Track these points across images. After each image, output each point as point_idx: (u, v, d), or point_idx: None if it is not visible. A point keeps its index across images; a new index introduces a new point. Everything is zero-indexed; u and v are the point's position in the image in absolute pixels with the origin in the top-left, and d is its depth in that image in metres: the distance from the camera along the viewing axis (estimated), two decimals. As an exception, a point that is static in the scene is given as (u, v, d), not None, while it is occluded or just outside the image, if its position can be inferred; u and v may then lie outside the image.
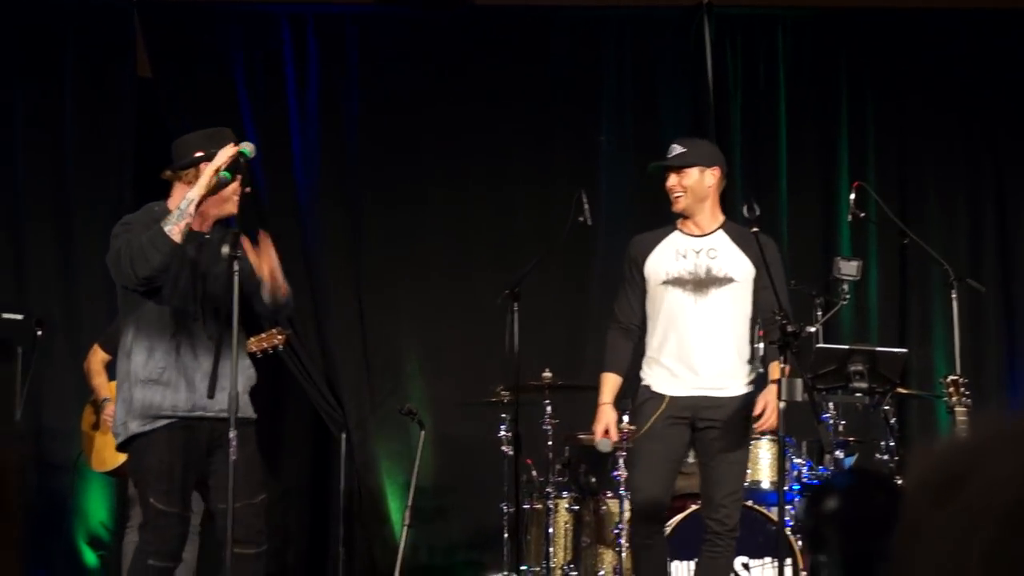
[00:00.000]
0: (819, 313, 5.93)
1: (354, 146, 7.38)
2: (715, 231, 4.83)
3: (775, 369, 4.49)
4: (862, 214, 5.90)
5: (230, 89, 7.30)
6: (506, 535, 5.94)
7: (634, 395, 4.92)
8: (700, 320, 4.73)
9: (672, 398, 4.73)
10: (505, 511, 5.90)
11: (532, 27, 7.56)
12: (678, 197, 4.79)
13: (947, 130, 7.49)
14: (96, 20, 7.30)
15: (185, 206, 4.12)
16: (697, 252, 4.78)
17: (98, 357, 6.04)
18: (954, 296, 5.82)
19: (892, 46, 7.52)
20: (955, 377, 5.15)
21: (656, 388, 4.77)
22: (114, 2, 7.27)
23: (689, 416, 4.73)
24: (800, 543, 5.34)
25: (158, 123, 7.21)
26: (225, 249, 4.11)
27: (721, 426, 4.71)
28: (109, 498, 6.92)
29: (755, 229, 4.62)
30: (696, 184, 4.78)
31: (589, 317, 7.23)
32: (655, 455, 4.71)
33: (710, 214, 4.83)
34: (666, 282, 4.77)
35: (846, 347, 5.49)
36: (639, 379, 4.86)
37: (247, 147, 4.43)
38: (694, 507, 5.35)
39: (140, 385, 4.20)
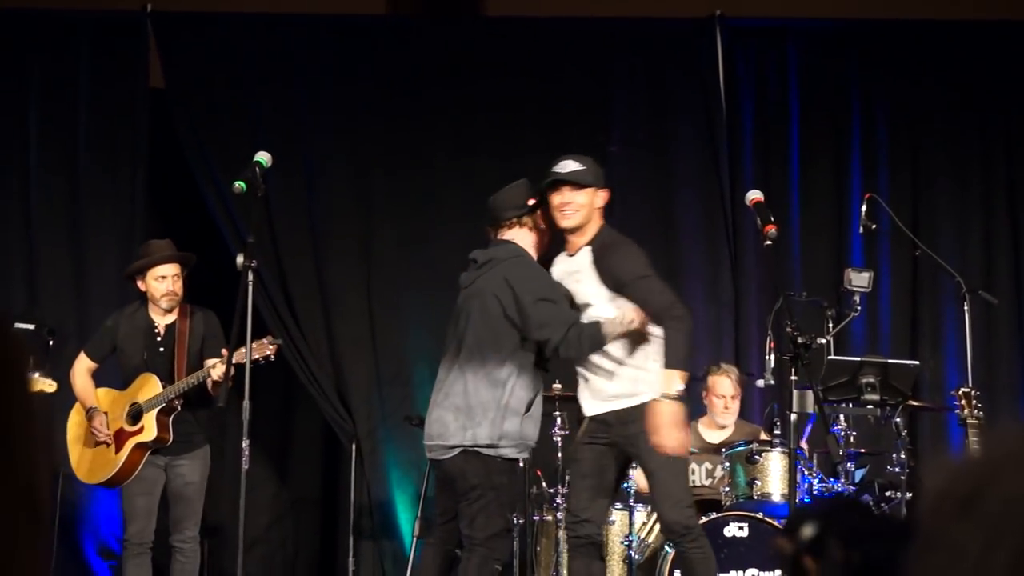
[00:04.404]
0: (830, 325, 5.92)
1: (366, 156, 7.39)
2: (580, 250, 4.68)
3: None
4: (873, 225, 5.90)
5: (243, 100, 7.32)
6: (516, 546, 5.93)
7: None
8: None
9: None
10: (515, 522, 5.89)
11: (544, 39, 7.56)
12: (571, 213, 4.63)
13: (960, 140, 7.47)
14: (109, 31, 7.32)
15: (619, 328, 4.41)
16: (569, 275, 4.70)
17: (84, 365, 5.89)
18: (966, 308, 5.81)
19: (904, 56, 7.51)
20: (967, 389, 5.14)
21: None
22: (127, 13, 7.29)
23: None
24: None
25: (170, 134, 7.23)
26: (240, 259, 4.14)
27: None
28: (119, 509, 6.89)
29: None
30: (589, 205, 4.65)
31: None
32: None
33: (587, 235, 4.69)
34: None
35: (857, 359, 5.48)
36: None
37: (263, 156, 4.47)
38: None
39: (519, 417, 4.57)
